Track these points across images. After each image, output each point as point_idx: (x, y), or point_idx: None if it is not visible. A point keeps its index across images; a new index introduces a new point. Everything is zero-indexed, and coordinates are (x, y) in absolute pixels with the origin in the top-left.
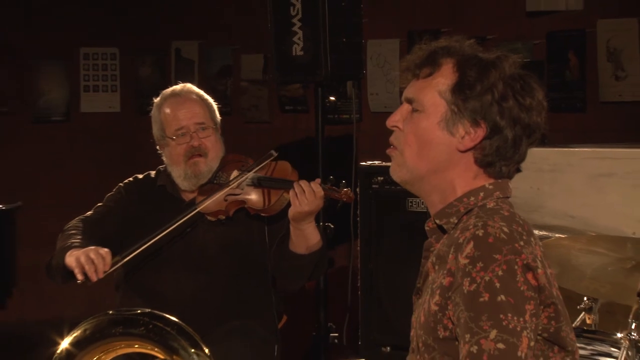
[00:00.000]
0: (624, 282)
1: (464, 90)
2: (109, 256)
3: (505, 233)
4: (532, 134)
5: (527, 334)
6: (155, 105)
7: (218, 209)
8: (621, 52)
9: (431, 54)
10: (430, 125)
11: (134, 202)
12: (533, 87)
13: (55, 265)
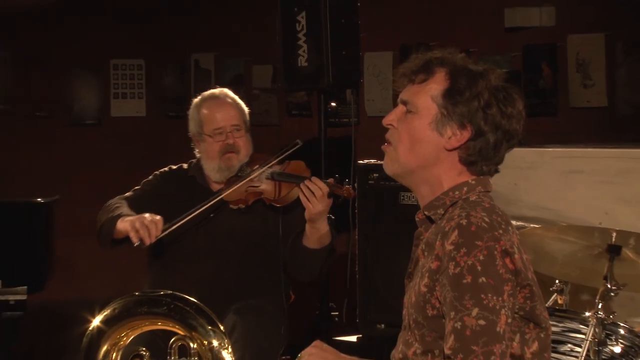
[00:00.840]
0: (591, 267)
1: (454, 96)
2: (161, 223)
3: (486, 222)
4: (511, 139)
5: (505, 312)
6: (193, 105)
7: (239, 198)
8: (589, 63)
9: (426, 62)
10: (422, 125)
11: (167, 188)
12: (515, 98)
13: (105, 232)
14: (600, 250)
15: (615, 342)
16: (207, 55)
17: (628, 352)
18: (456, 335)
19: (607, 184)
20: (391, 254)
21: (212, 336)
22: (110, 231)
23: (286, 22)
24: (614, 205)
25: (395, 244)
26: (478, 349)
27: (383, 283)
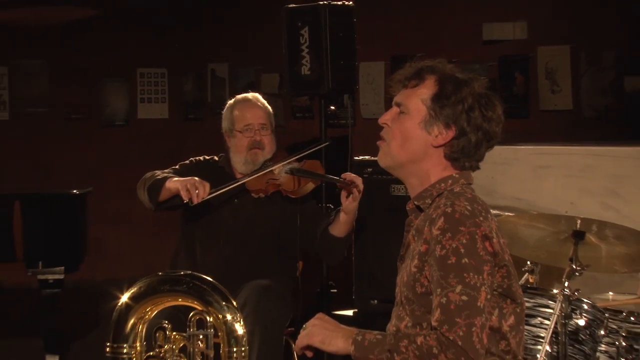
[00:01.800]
0: (558, 250)
1: (441, 99)
2: (208, 187)
3: (468, 210)
4: (491, 139)
5: (485, 289)
6: (227, 106)
7: (259, 187)
8: (556, 72)
9: (418, 70)
10: (412, 124)
11: (199, 172)
12: (495, 104)
13: (154, 189)
14: (567, 235)
15: (580, 315)
16: (222, 65)
17: (591, 324)
18: (442, 309)
19: (572, 178)
20: (383, 239)
21: (226, 311)
22: (159, 188)
23: (291, 36)
24: (578, 196)
25: (387, 229)
26: (461, 321)
27: (376, 264)
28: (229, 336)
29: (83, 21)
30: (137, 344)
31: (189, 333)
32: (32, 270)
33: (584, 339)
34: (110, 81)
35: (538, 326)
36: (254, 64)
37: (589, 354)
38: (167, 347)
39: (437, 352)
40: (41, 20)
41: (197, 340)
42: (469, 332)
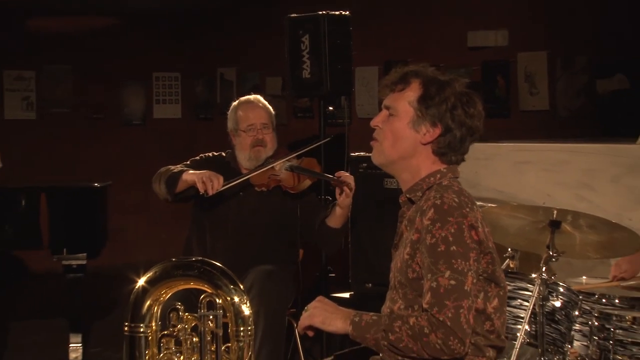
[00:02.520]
0: (537, 238)
1: (426, 101)
2: (222, 179)
3: (456, 202)
4: (474, 133)
5: (471, 274)
6: (232, 108)
7: (262, 182)
8: (534, 75)
9: (404, 75)
10: (402, 125)
11: (208, 167)
12: (475, 101)
13: (171, 181)
14: (544, 224)
15: (556, 297)
16: (230, 70)
17: (566, 305)
18: (432, 293)
19: (549, 172)
20: (377, 228)
21: (234, 293)
22: (175, 181)
23: (293, 43)
24: (554, 188)
25: (380, 219)
26: (450, 304)
27: (370, 251)
28: (236, 317)
29: (104, 30)
30: (153, 324)
31: (200, 314)
32: (57, 256)
33: (559, 319)
34: (129, 84)
35: (518, 307)
36: (259, 68)
37: (565, 332)
38: (180, 327)
39: (428, 332)
40: (66, 29)
41: (207, 320)
42: (457, 313)
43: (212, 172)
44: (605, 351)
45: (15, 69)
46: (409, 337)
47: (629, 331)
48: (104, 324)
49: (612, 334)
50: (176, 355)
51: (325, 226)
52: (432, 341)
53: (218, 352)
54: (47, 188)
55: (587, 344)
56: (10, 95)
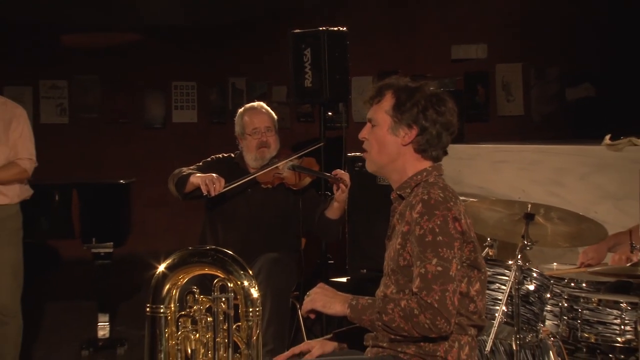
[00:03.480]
0: (513, 229)
1: (400, 107)
2: (223, 182)
3: (441, 197)
4: (449, 128)
5: (456, 261)
6: (238, 114)
7: (267, 180)
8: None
9: (379, 89)
10: (383, 133)
11: (219, 167)
12: (445, 99)
13: (181, 183)
14: (519, 217)
15: (530, 282)
16: (240, 79)
17: (539, 289)
18: (421, 278)
19: (524, 170)
20: (371, 220)
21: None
22: (184, 182)
23: (296, 56)
24: (528, 185)
25: (374, 212)
26: (437, 287)
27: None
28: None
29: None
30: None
31: (213, 296)
32: (87, 245)
33: (533, 300)
34: (150, 92)
35: (496, 290)
36: (266, 78)
37: (538, 313)
38: (196, 308)
39: (417, 313)
40: (94, 43)
41: (220, 302)
42: (443, 296)
43: (214, 176)
44: (573, 329)
45: (50, 79)
46: (401, 317)
47: (595, 312)
48: (129, 305)
49: (579, 314)
50: (192, 333)
51: (325, 218)
52: (422, 321)
53: (230, 331)
54: (78, 184)
55: (558, 323)
56: (45, 102)
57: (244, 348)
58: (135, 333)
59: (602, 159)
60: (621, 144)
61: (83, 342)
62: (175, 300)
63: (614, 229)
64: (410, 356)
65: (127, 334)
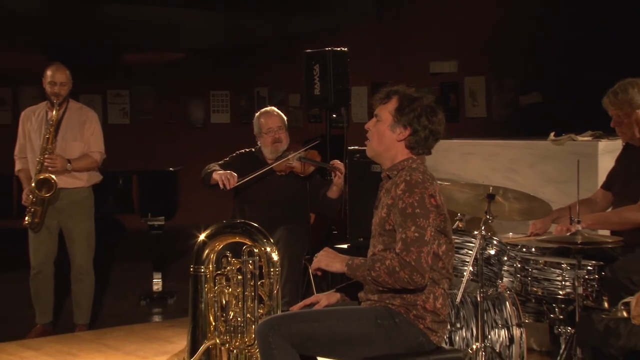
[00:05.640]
0: (478, 206)
1: (400, 110)
2: (235, 178)
3: (420, 179)
4: (435, 135)
5: (430, 229)
6: (255, 117)
7: (281, 169)
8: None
9: (387, 92)
10: (384, 128)
11: (242, 159)
12: (437, 112)
13: (207, 179)
14: (483, 197)
15: (491, 248)
16: (264, 89)
17: (498, 253)
18: (402, 242)
19: (486, 160)
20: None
21: (266, 245)
22: (209, 178)
23: (308, 70)
24: (490, 172)
25: (369, 193)
26: (414, 249)
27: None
28: (268, 261)
29: (175, 60)
30: (210, 266)
31: (243, 259)
32: (144, 218)
33: (493, 262)
34: (193, 99)
35: (465, 255)
36: (284, 88)
37: (497, 272)
38: (229, 268)
39: (398, 270)
40: (150, 60)
41: (248, 264)
42: (419, 256)
43: (229, 172)
44: (525, 285)
45: (115, 88)
46: (385, 273)
47: (542, 271)
48: (177, 266)
49: (529, 272)
50: (226, 288)
51: (326, 197)
52: (402, 276)
53: (255, 286)
54: (137, 171)
55: (513, 280)
56: (112, 107)
57: (266, 300)
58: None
59: (547, 151)
60: (562, 139)
61: (141, 294)
62: (213, 262)
63: (556, 206)
64: (396, 306)
65: (175, 288)
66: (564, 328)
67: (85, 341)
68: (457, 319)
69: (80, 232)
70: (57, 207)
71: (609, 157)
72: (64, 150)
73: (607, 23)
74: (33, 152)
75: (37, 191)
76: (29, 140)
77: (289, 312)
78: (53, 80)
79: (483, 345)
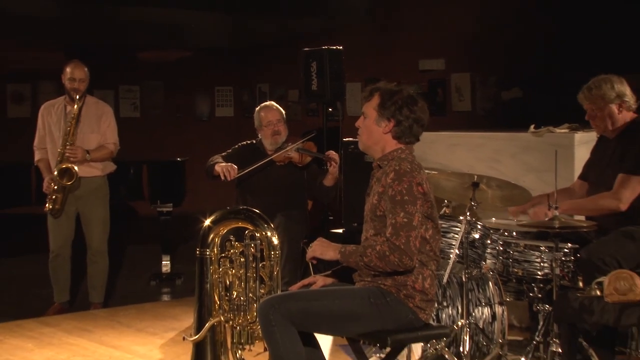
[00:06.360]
0: (464, 194)
1: (382, 105)
2: (235, 170)
3: (409, 168)
4: (419, 122)
5: (417, 215)
6: (256, 111)
7: (280, 159)
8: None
9: (370, 90)
10: (370, 123)
11: (244, 151)
12: (417, 101)
13: (210, 170)
14: (468, 185)
15: (476, 232)
16: (265, 85)
17: (482, 237)
18: (392, 227)
19: (471, 151)
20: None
21: (267, 229)
22: (211, 170)
23: (306, 68)
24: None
25: (362, 181)
26: (403, 234)
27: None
28: (269, 245)
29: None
30: (215, 249)
31: (245, 243)
32: (154, 205)
33: (477, 245)
34: (199, 94)
35: (451, 238)
36: (284, 84)
37: (481, 254)
38: (232, 251)
39: (388, 254)
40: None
41: (250, 247)
42: (407, 240)
43: (230, 165)
44: (506, 266)
45: (126, 84)
46: (377, 258)
47: (522, 253)
48: (184, 249)
49: (511, 255)
50: (230, 269)
51: (322, 185)
52: (392, 260)
53: (257, 268)
54: (147, 161)
55: (495, 261)
56: (123, 101)
57: (267, 280)
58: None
59: (527, 142)
60: (541, 131)
61: (151, 275)
62: (217, 246)
63: (536, 193)
64: (388, 286)
65: (183, 269)
66: (542, 306)
67: (100, 318)
68: (443, 297)
69: (97, 217)
70: (75, 195)
71: (584, 147)
72: (82, 141)
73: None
74: (53, 143)
75: (59, 179)
76: (49, 132)
77: (288, 291)
78: (72, 76)
79: (468, 322)
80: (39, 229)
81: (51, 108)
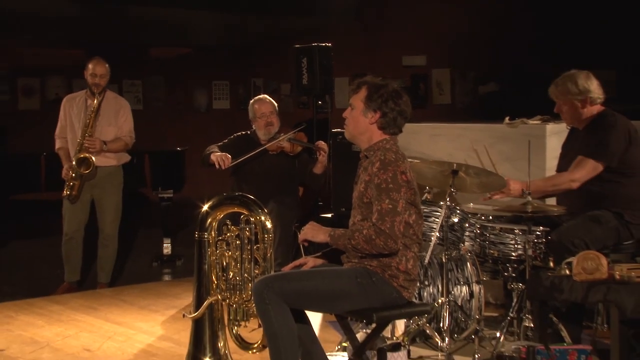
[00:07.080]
0: (444, 180)
1: (369, 97)
2: (229, 159)
3: (393, 158)
4: (403, 114)
5: (402, 201)
6: (250, 104)
7: (273, 149)
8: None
9: (358, 84)
10: (358, 114)
11: (239, 141)
12: (401, 94)
13: (206, 159)
14: (448, 172)
15: (455, 216)
16: (259, 79)
17: (461, 221)
18: (377, 213)
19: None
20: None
21: (261, 214)
22: (207, 159)
23: (297, 63)
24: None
25: (350, 170)
26: (388, 219)
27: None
28: (262, 228)
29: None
30: (212, 233)
31: (241, 227)
32: (155, 191)
33: (457, 229)
34: (198, 87)
35: (432, 222)
36: (277, 78)
37: (460, 237)
38: (229, 234)
39: (374, 238)
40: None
41: (245, 230)
42: (392, 225)
43: (224, 154)
44: (483, 248)
45: (130, 79)
46: (364, 241)
47: (498, 236)
48: (184, 232)
49: (487, 237)
50: (226, 251)
51: (312, 173)
52: (377, 243)
53: (252, 250)
54: (149, 151)
55: (473, 243)
56: (127, 94)
57: (261, 262)
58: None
59: (503, 133)
60: (516, 123)
61: (153, 257)
62: (215, 229)
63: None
64: (374, 267)
65: (182, 252)
66: (516, 284)
67: (105, 297)
68: (425, 277)
69: (110, 204)
70: (91, 183)
71: (555, 138)
72: (100, 133)
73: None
74: (73, 133)
75: (77, 168)
76: (70, 123)
77: (281, 272)
78: (94, 72)
79: (447, 299)
80: (48, 214)
81: (73, 101)
